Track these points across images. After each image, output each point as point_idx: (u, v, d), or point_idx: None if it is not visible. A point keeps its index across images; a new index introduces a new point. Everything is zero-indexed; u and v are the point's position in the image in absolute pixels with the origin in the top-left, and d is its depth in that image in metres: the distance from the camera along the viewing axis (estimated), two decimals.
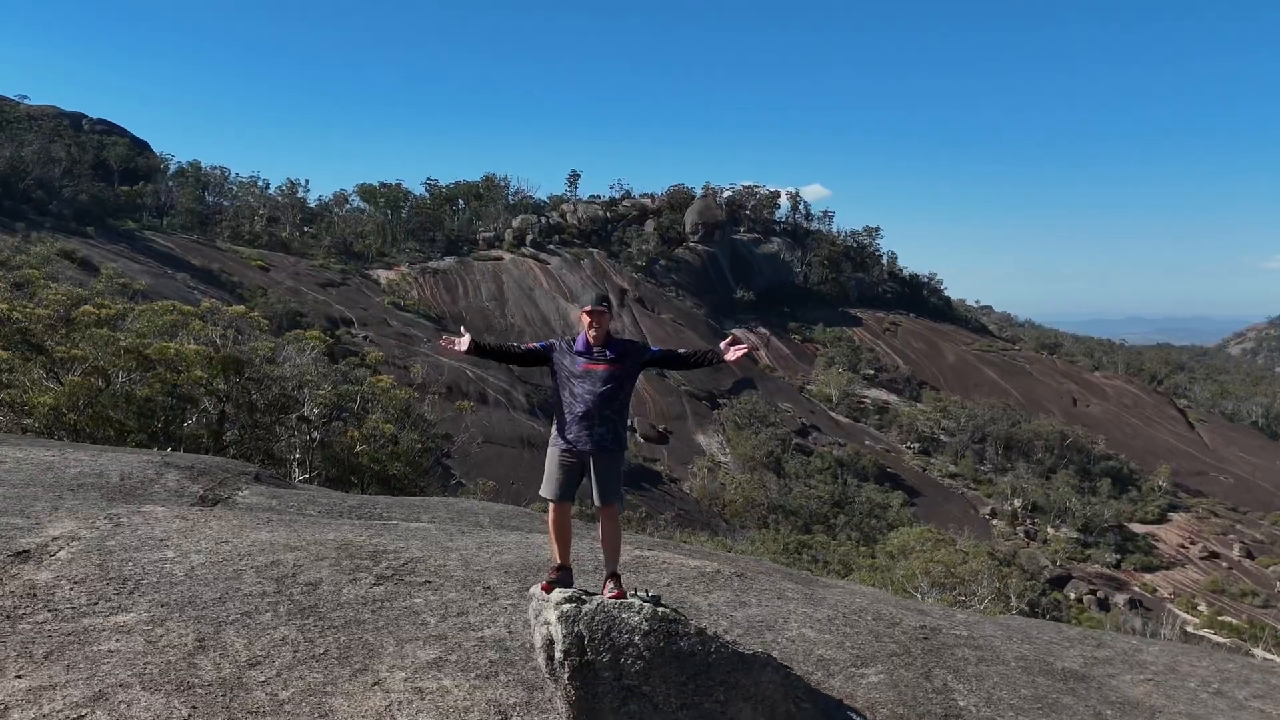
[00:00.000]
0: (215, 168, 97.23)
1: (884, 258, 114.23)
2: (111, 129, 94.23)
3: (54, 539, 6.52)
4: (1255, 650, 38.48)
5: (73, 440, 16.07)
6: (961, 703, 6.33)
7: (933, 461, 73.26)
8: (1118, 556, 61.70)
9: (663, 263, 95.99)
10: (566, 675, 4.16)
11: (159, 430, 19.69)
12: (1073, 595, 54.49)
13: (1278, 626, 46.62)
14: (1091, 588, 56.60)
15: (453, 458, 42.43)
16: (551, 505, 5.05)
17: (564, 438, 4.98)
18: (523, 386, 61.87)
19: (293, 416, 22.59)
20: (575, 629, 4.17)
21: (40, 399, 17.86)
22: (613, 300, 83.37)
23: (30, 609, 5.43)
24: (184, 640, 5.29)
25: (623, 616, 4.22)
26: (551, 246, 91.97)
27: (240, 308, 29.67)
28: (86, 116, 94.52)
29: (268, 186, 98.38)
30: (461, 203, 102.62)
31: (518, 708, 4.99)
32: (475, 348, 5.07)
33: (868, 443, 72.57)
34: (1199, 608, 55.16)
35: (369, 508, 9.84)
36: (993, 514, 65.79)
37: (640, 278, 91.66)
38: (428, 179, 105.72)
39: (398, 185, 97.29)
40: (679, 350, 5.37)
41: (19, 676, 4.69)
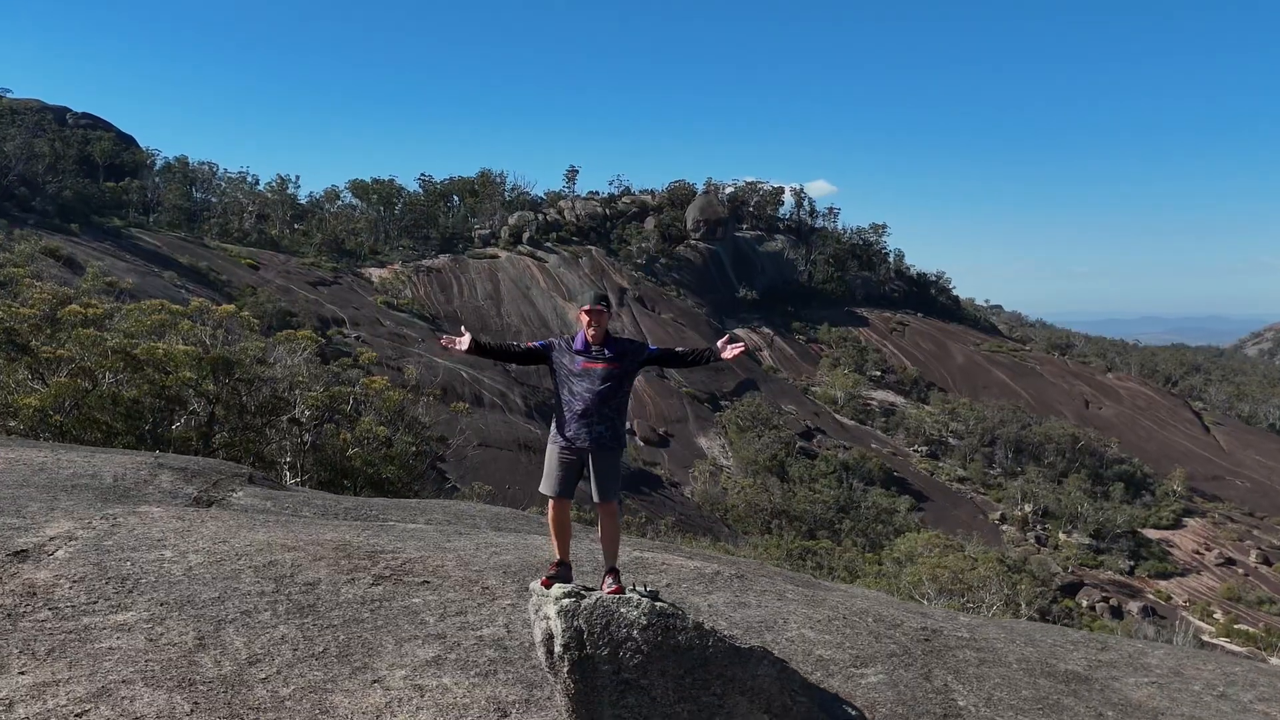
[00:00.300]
0: (203, 163, 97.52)
1: (891, 256, 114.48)
2: (97, 123, 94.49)
3: (51, 539, 6.70)
4: (1271, 658, 38.67)
5: (58, 443, 16.25)
6: (961, 703, 6.51)
7: (941, 465, 73.44)
8: (1131, 563, 61.87)
9: (663, 261, 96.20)
10: (566, 669, 4.35)
11: (147, 432, 19.82)
12: (1085, 603, 54.67)
13: None
14: (1104, 595, 56.75)
15: (447, 461, 42.58)
16: (551, 502, 5.27)
17: (563, 435, 5.18)
18: (519, 388, 62.05)
19: (284, 419, 22.70)
20: (574, 623, 4.36)
21: (26, 400, 18.00)
22: (612, 299, 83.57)
23: (30, 607, 5.62)
24: (184, 638, 5.47)
25: (621, 611, 4.42)
26: (549, 244, 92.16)
27: (230, 306, 29.80)
28: (71, 110, 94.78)
29: (257, 182, 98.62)
30: (456, 199, 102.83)
31: (517, 705, 5.18)
32: (475, 347, 5.29)
33: (874, 446, 72.74)
34: (1214, 615, 55.33)
35: (365, 509, 10.02)
36: (1002, 519, 65.96)
37: (640, 276, 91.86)
38: (422, 174, 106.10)
39: (391, 181, 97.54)
40: (677, 349, 5.59)
41: (22, 673, 4.87)
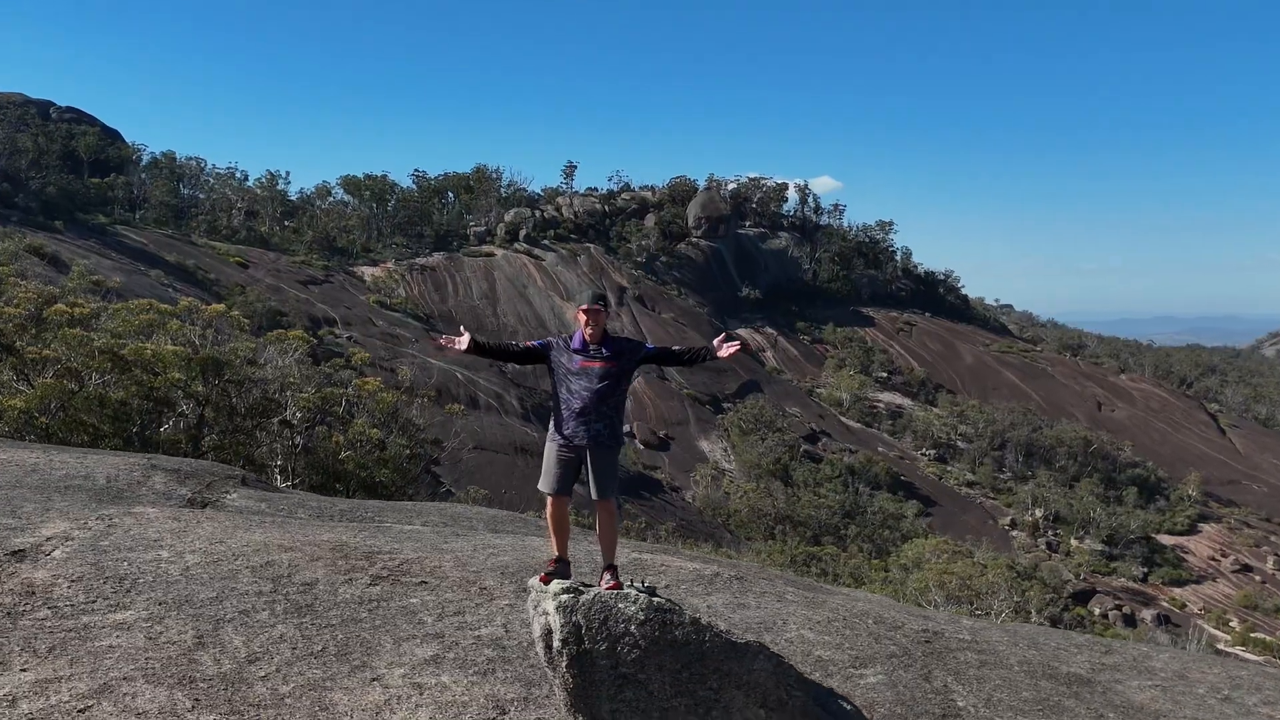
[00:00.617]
0: (190, 159, 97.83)
1: (898, 254, 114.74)
2: (81, 117, 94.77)
3: (48, 539, 6.89)
4: None
5: (49, 444, 16.42)
6: (960, 703, 6.69)
7: (949, 469, 73.66)
8: (1145, 570, 62.07)
9: (664, 259, 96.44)
10: (564, 664, 4.55)
11: (135, 435, 19.97)
12: (1097, 610, 54.83)
13: None
14: (1117, 603, 56.92)
15: (442, 465, 42.74)
16: (549, 499, 5.48)
17: (561, 433, 5.40)
18: (515, 390, 62.25)
19: (274, 421, 22.83)
20: (573, 619, 4.56)
21: (10, 402, 18.14)
22: (610, 298, 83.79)
23: (30, 606, 5.81)
24: (183, 637, 5.66)
25: (619, 606, 4.61)
26: (546, 242, 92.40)
27: (219, 306, 29.99)
28: (54, 104, 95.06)
29: (246, 178, 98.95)
30: (451, 195, 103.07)
31: (515, 703, 5.36)
32: (474, 346, 5.50)
33: (880, 449, 72.96)
34: (1230, 624, 55.52)
35: (360, 511, 10.22)
36: (1012, 525, 66.18)
37: (640, 275, 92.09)
38: (415, 170, 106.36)
39: (383, 177, 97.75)
40: (673, 348, 5.81)
41: (24, 670, 5.06)
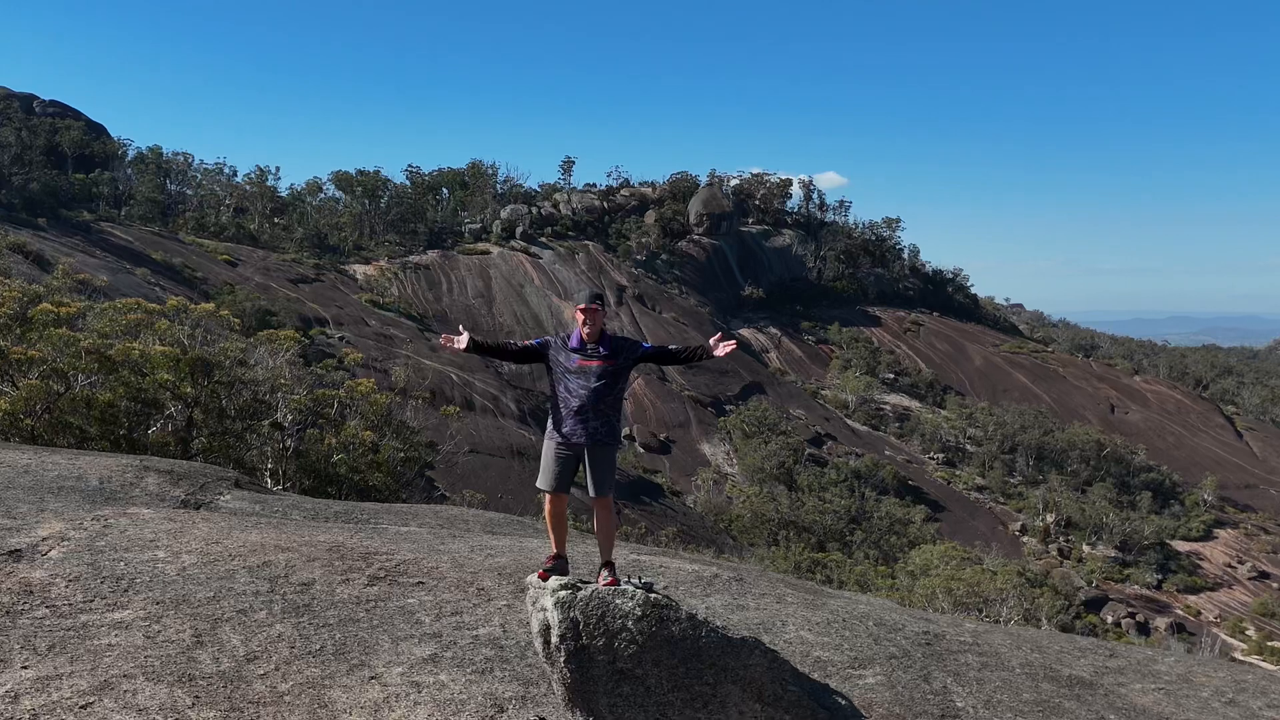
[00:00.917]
0: (178, 154, 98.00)
1: (905, 251, 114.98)
2: (65, 111, 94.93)
3: (44, 539, 7.08)
4: None
5: (40, 446, 16.58)
6: (960, 704, 6.87)
7: (958, 473, 73.85)
8: (1159, 577, 62.23)
9: (664, 257, 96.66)
10: (562, 659, 4.74)
11: (122, 437, 20.13)
12: (1110, 619, 54.99)
13: None
14: (1130, 610, 57.10)
15: (436, 469, 42.92)
16: (548, 496, 5.71)
17: (560, 432, 5.63)
18: (512, 391, 62.44)
19: (265, 423, 22.99)
20: (571, 614, 4.75)
21: None
22: (608, 298, 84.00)
23: (28, 605, 6.00)
24: (181, 636, 5.84)
25: (616, 602, 4.81)
26: (543, 239, 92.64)
27: (208, 305, 30.21)
28: (38, 98, 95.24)
29: (235, 174, 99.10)
30: (445, 192, 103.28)
31: (514, 701, 5.55)
32: (474, 345, 5.72)
33: (887, 453, 73.14)
34: (1247, 632, 55.66)
35: (355, 513, 10.41)
36: (1023, 530, 66.35)
37: (640, 273, 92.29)
38: (409, 166, 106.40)
39: (376, 173, 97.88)
40: (670, 346, 6.03)
41: (25, 667, 5.24)
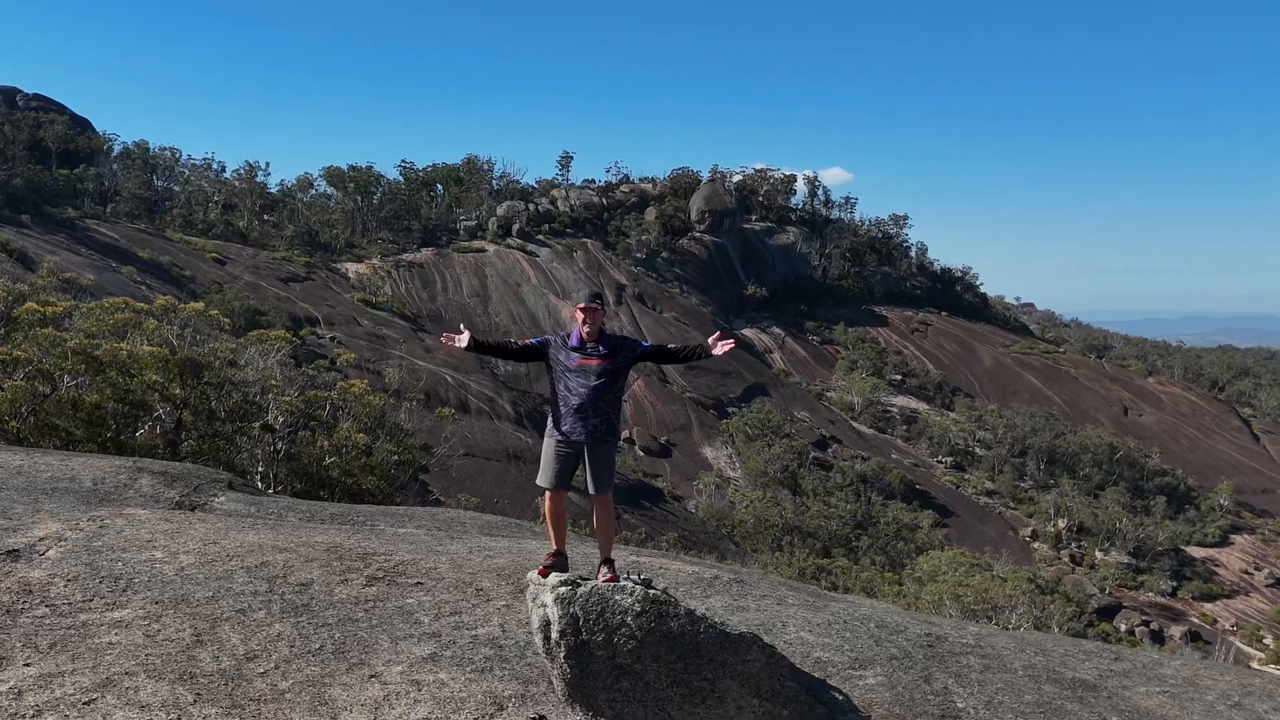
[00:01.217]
0: (165, 149, 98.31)
1: (912, 249, 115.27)
2: (48, 105, 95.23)
3: (40, 539, 7.28)
4: None
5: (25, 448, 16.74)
6: (960, 705, 7.06)
7: (967, 477, 74.04)
8: (1174, 584, 62.39)
9: (665, 255, 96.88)
10: (562, 654, 4.93)
11: (109, 440, 20.30)
12: (1123, 627, 55.13)
13: None
14: (1144, 618, 57.23)
15: (430, 472, 43.10)
16: (548, 494, 5.94)
17: (559, 430, 5.86)
18: (508, 393, 62.65)
19: (255, 425, 23.16)
20: (571, 610, 4.94)
21: None
22: (608, 297, 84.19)
23: (28, 604, 6.19)
24: (181, 635, 6.03)
25: (616, 599, 5.00)
26: (540, 237, 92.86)
27: (198, 304, 30.40)
28: (21, 91, 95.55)
29: (223, 170, 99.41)
30: (440, 188, 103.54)
31: (513, 699, 5.74)
32: (475, 344, 5.94)
33: (894, 456, 73.33)
34: (1264, 640, 55.81)
35: (351, 515, 10.60)
36: (1034, 536, 66.52)
37: (640, 271, 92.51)
38: (402, 161, 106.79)
39: (369, 169, 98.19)
40: (669, 345, 6.24)
41: (27, 664, 5.44)
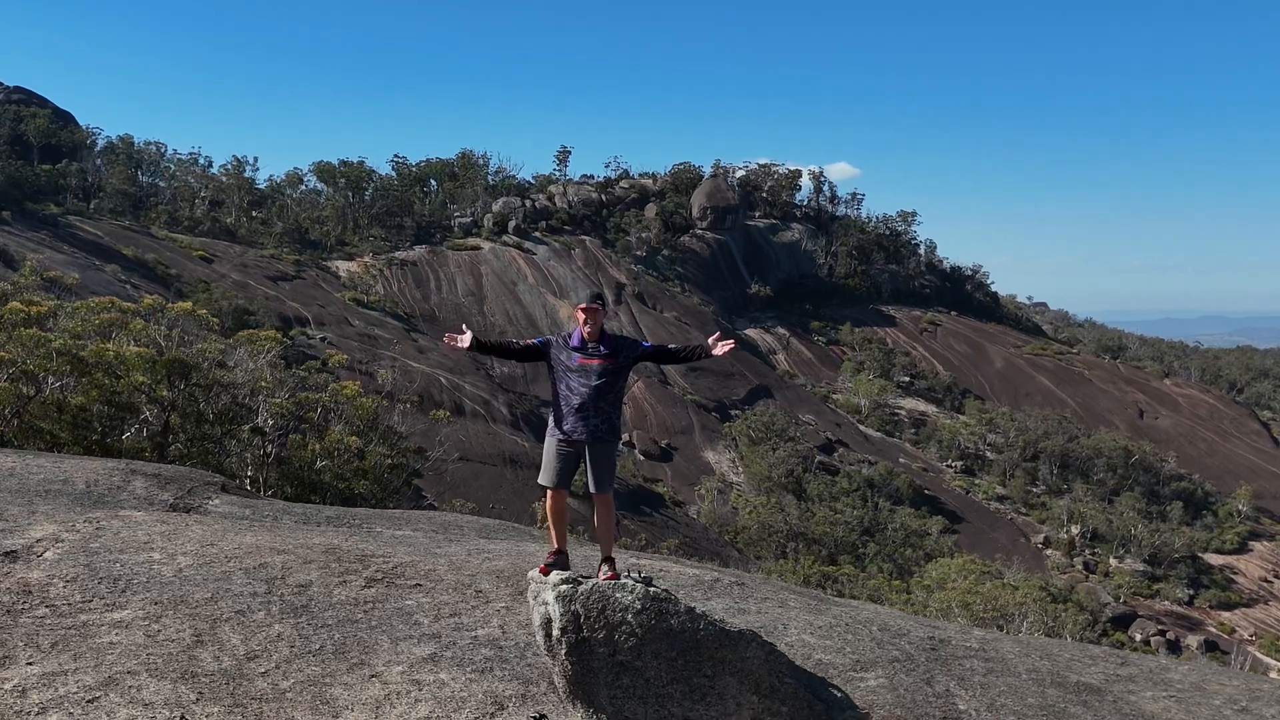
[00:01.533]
0: (149, 143, 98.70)
1: (921, 247, 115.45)
2: (30, 98, 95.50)
3: (38, 540, 7.49)
4: None
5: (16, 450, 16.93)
6: (962, 707, 7.26)
7: (977, 482, 74.26)
8: (1191, 592, 62.58)
9: (666, 253, 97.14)
10: (563, 651, 5.15)
11: (95, 442, 20.49)
12: (1138, 636, 55.31)
13: None
14: (1160, 627, 57.40)
15: (424, 477, 43.27)
16: (549, 492, 6.18)
17: (561, 429, 6.11)
18: (504, 395, 62.88)
19: (245, 428, 23.33)
20: (572, 608, 5.16)
21: None
22: (608, 297, 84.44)
23: (28, 604, 6.40)
24: (181, 635, 6.25)
25: (616, 596, 5.22)
26: (537, 234, 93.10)
27: (186, 304, 30.62)
28: (1, 84, 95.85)
29: (210, 165, 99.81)
30: (434, 184, 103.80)
31: (514, 699, 5.94)
32: (477, 344, 6.17)
33: (902, 460, 73.56)
34: None
35: (347, 518, 10.82)
36: (1046, 543, 66.74)
37: (640, 270, 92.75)
38: (395, 156, 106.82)
39: (360, 164, 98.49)
40: (670, 345, 6.48)
41: (30, 663, 5.65)
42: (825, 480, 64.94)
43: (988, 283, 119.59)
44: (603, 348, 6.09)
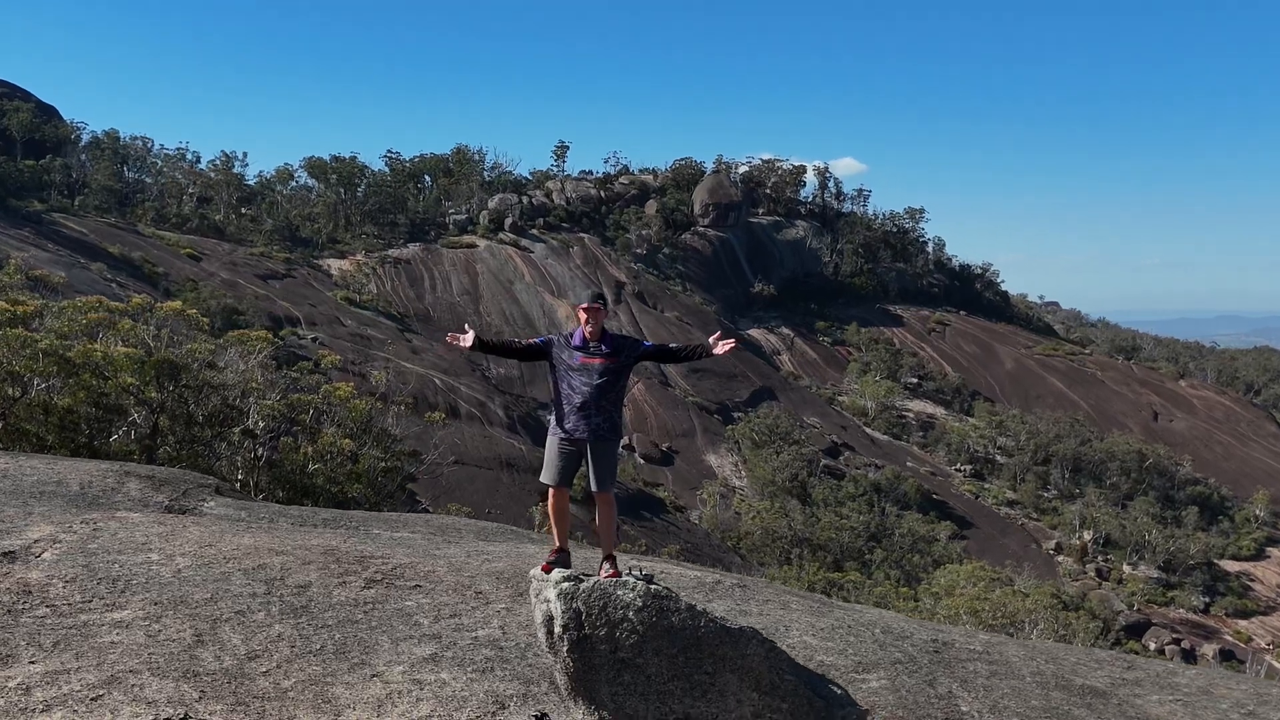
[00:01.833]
0: (136, 138, 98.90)
1: (929, 245, 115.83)
2: (13, 92, 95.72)
3: (35, 541, 7.69)
4: None
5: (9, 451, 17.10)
6: (964, 708, 7.45)
7: (987, 487, 74.45)
8: (1206, 599, 62.75)
9: (666, 251, 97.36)
10: (565, 648, 5.35)
11: (83, 445, 20.66)
12: (1152, 645, 55.46)
13: None
14: (1175, 636, 57.57)
15: (418, 481, 43.44)
16: (551, 490, 6.41)
17: (563, 427, 6.33)
18: (500, 398, 63.08)
19: (235, 431, 23.49)
20: (574, 605, 5.36)
21: None
22: (608, 296, 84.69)
23: (28, 604, 6.60)
24: (182, 635, 6.44)
25: (618, 593, 5.42)
26: (535, 232, 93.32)
27: (176, 303, 30.84)
28: None
29: (198, 160, 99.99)
30: (428, 180, 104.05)
31: (515, 699, 6.14)
32: (479, 343, 6.38)
33: (910, 464, 73.76)
34: None
35: (343, 520, 11.02)
36: (1058, 549, 66.95)
37: (639, 268, 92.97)
38: (388, 151, 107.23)
39: (352, 159, 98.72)
40: (670, 345, 6.68)
41: (32, 662, 5.84)
42: (830, 485, 65.13)
43: (998, 281, 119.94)
44: (604, 347, 6.30)
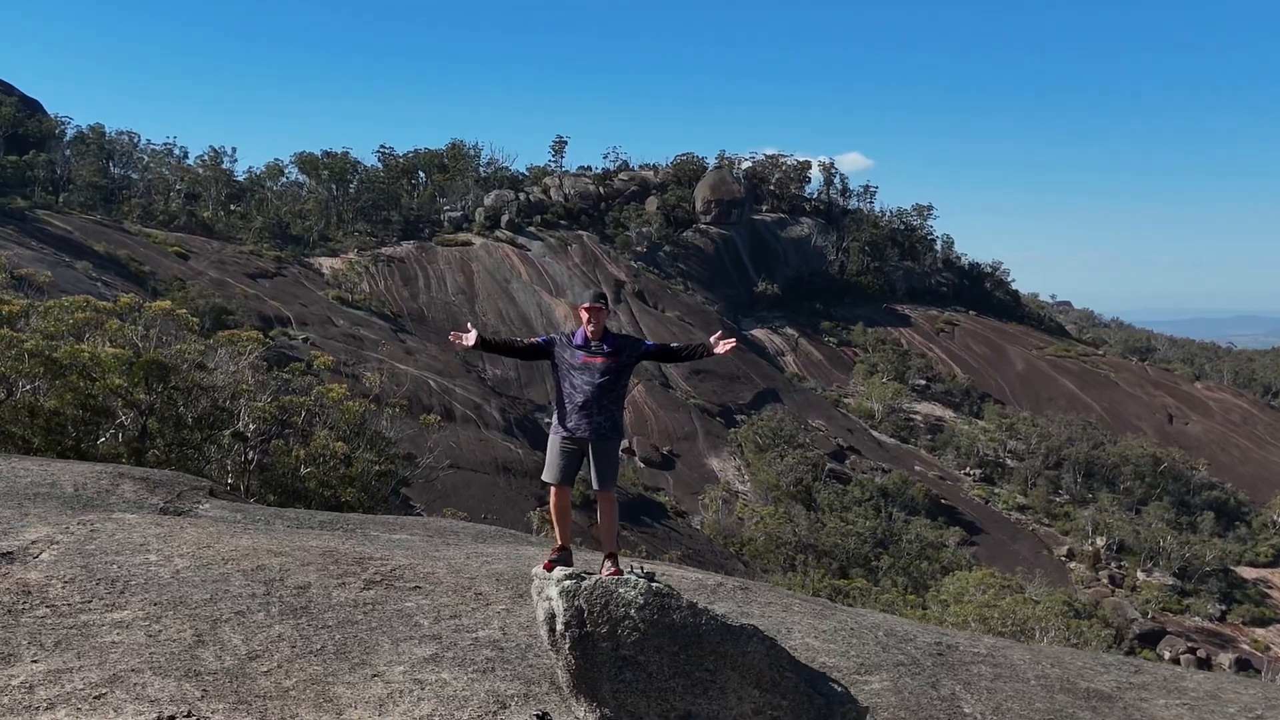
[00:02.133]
0: (122, 133, 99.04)
1: (938, 242, 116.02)
2: None
3: (33, 542, 7.88)
4: None
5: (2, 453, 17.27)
6: (967, 710, 7.64)
7: (997, 491, 74.64)
8: (1222, 607, 62.90)
9: (667, 249, 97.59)
10: (567, 646, 5.54)
11: (70, 448, 20.83)
12: (1167, 654, 55.61)
13: None
14: (1190, 645, 57.72)
15: (412, 485, 43.59)
16: (553, 489, 6.63)
17: (565, 426, 6.55)
18: (496, 400, 63.27)
19: (226, 433, 23.66)
20: (576, 603, 5.56)
21: None
22: (608, 296, 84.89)
23: (28, 604, 6.79)
24: (182, 635, 6.63)
25: (619, 591, 5.62)
26: (532, 229, 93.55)
27: (165, 303, 31.03)
28: None
29: (186, 156, 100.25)
30: (422, 176, 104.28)
31: (516, 698, 6.32)
32: (481, 342, 6.59)
33: (918, 468, 73.95)
34: None
35: (341, 523, 11.22)
36: (1070, 555, 67.11)
37: (640, 267, 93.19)
38: (381, 147, 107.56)
39: (345, 155, 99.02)
40: (672, 344, 6.90)
41: (35, 661, 6.03)
42: (836, 489, 65.29)
43: (1008, 280, 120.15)
44: (606, 346, 6.52)
